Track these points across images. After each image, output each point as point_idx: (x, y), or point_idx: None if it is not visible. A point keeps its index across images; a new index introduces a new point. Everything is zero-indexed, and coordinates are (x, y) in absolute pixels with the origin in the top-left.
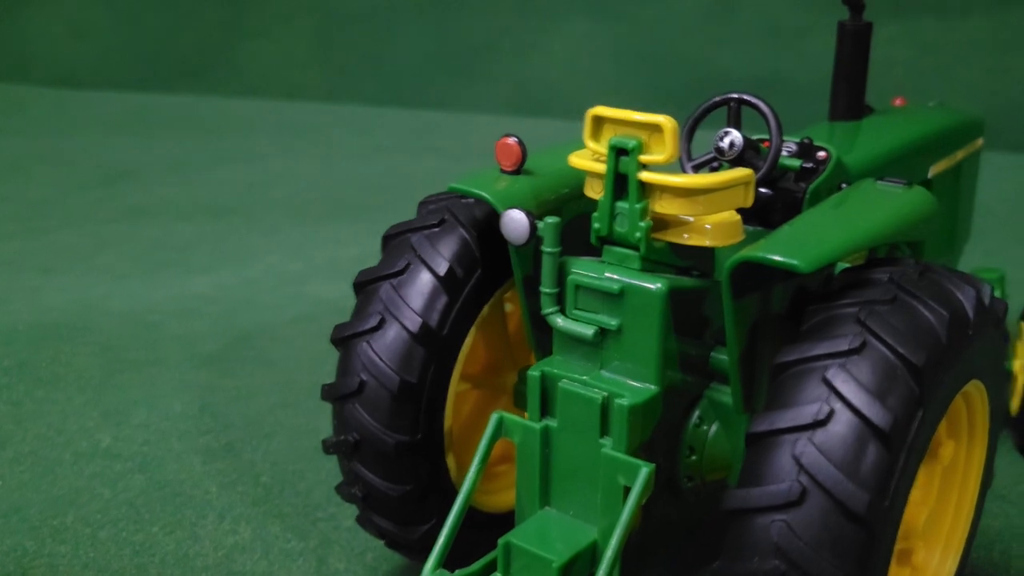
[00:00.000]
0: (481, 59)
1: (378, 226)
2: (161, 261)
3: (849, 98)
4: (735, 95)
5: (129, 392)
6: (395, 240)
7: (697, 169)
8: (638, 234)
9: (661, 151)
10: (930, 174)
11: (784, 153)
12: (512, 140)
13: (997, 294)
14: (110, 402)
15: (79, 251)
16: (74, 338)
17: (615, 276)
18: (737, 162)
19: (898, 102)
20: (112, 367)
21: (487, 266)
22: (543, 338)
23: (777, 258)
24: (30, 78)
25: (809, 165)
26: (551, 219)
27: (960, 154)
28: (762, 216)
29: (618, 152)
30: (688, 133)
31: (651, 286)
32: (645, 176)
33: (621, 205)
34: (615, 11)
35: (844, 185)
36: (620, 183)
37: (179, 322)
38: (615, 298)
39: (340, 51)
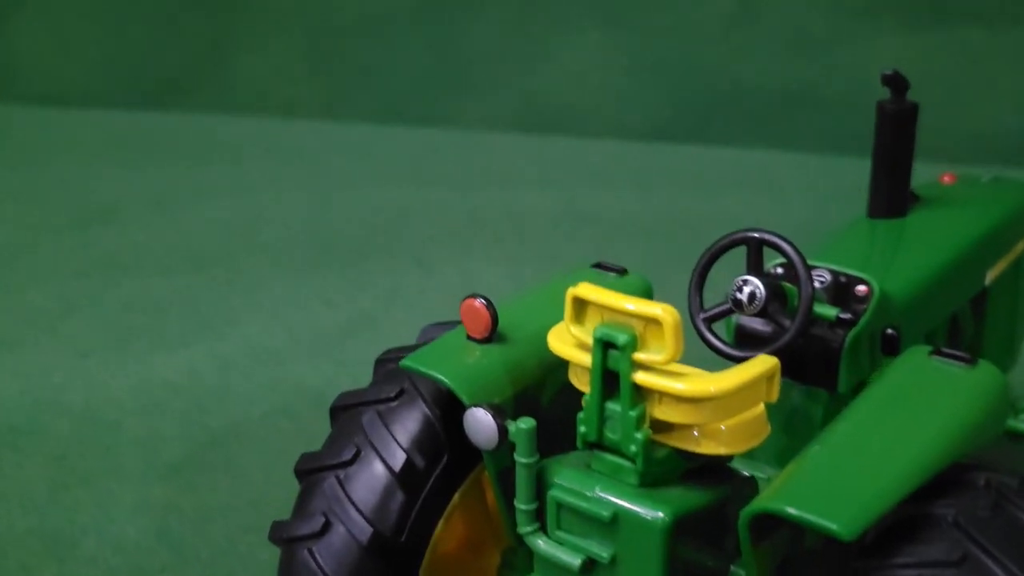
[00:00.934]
0: (486, 72)
1: (371, 278)
2: (130, 330)
3: (891, 192)
4: (755, 233)
5: (79, 514)
6: (344, 415)
7: (710, 322)
8: (634, 447)
9: (660, 349)
10: (988, 280)
11: (816, 284)
12: (479, 302)
13: None
14: (56, 527)
15: (44, 317)
16: (22, 445)
17: (607, 497)
18: (760, 317)
19: (946, 179)
20: (62, 481)
21: (456, 449)
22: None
23: (809, 517)
24: (13, 94)
25: (847, 316)
26: (525, 424)
27: (1022, 244)
28: (792, 366)
29: (606, 345)
30: (699, 277)
31: (651, 515)
32: (641, 379)
33: (612, 407)
34: (628, 19)
35: (890, 331)
36: (611, 380)
37: (141, 421)
38: (607, 525)
39: (337, 65)
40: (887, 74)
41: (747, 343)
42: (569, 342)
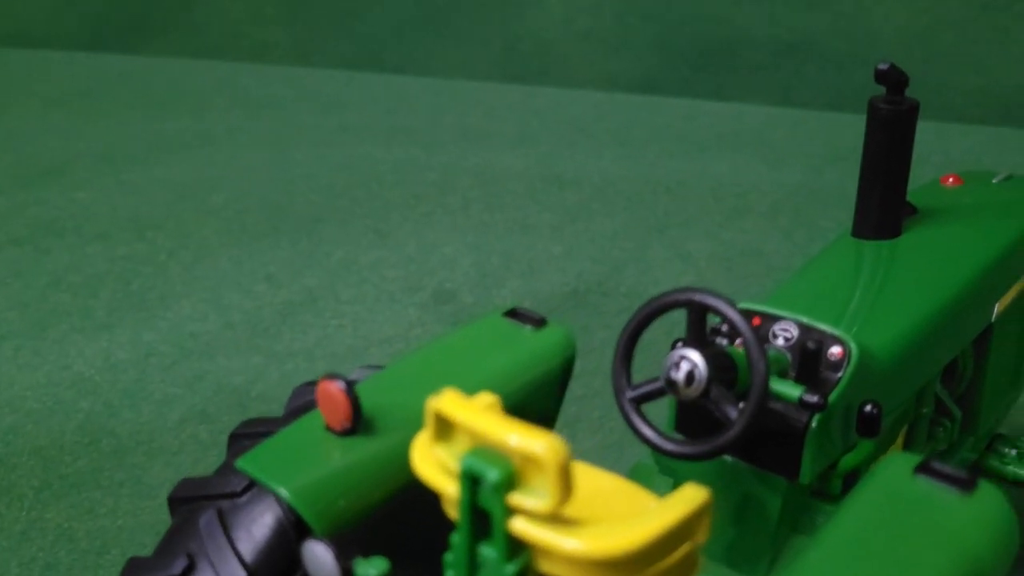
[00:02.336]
0: (468, 15)
1: (323, 249)
2: (53, 311)
3: (883, 209)
4: (696, 296)
5: None
6: (181, 510)
7: (639, 403)
8: None
9: (543, 494)
10: (995, 313)
11: (779, 342)
12: (337, 386)
13: None
14: None
15: None
16: None
17: None
18: (700, 401)
19: (950, 181)
20: None
21: None
22: None
23: None
24: None
25: (813, 399)
26: (376, 568)
27: None
28: (745, 446)
29: (475, 479)
30: (626, 346)
31: None
32: (518, 528)
33: (487, 552)
34: None
35: (868, 408)
36: (484, 519)
37: (41, 426)
38: None
39: (314, 7)
40: (882, 68)
41: (691, 428)
42: (435, 464)
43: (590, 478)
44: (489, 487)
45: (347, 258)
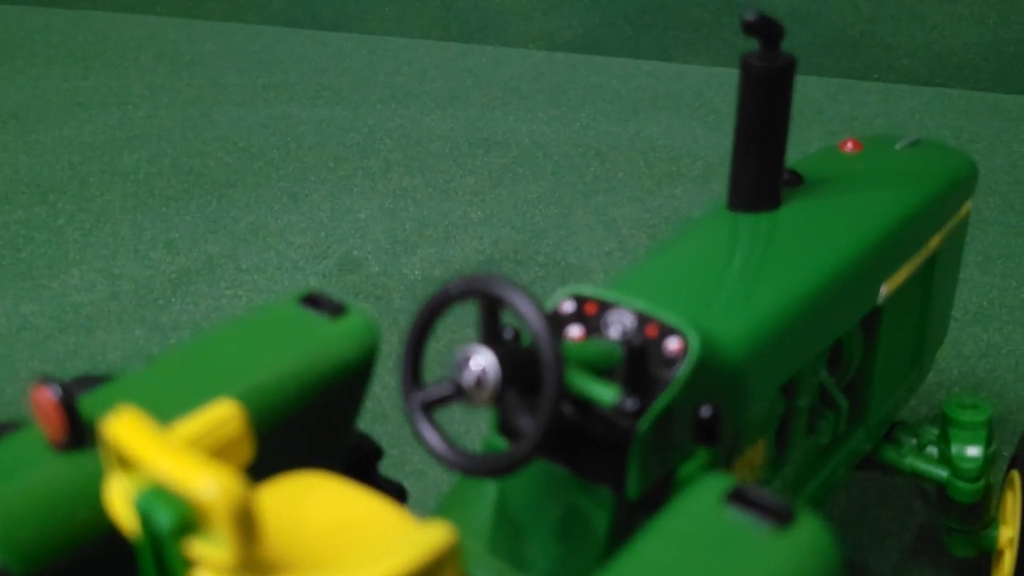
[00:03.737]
0: None
1: (231, 214)
2: None
3: (759, 177)
4: (486, 286)
5: None
6: None
7: (429, 409)
8: None
9: (220, 543)
10: (882, 296)
11: (611, 333)
12: (50, 394)
13: (983, 448)
14: None
15: None
16: None
17: None
18: (496, 405)
19: (849, 147)
20: None
21: None
22: None
23: None
24: None
25: (628, 405)
26: None
27: (936, 240)
28: (566, 452)
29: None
30: (414, 341)
31: None
32: None
33: None
34: None
35: (704, 410)
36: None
37: None
38: None
39: None
40: (749, 19)
41: (516, 431)
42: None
43: (335, 503)
44: (163, 533)
45: (256, 223)
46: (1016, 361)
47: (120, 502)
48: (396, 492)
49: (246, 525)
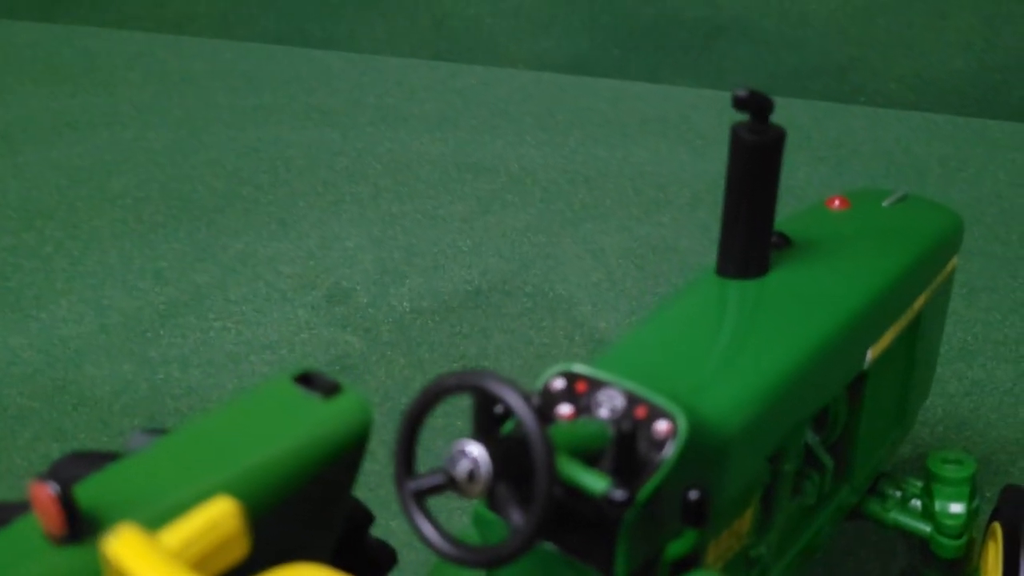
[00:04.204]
0: None
1: (220, 242)
2: None
3: (747, 244)
4: (481, 381)
5: None
6: None
7: (419, 499)
8: None
9: None
10: (868, 360)
11: (603, 413)
12: (50, 491)
13: (966, 504)
14: None
15: None
16: None
17: None
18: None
19: (836, 204)
20: None
21: None
22: None
23: None
24: None
25: (618, 496)
26: None
27: (921, 300)
28: (555, 529)
29: None
30: (407, 429)
31: None
32: None
33: None
34: None
35: (692, 493)
36: None
37: None
38: None
39: None
40: (741, 95)
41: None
42: None
43: None
44: None
45: (245, 251)
46: (1000, 399)
47: None
48: (387, 554)
49: None
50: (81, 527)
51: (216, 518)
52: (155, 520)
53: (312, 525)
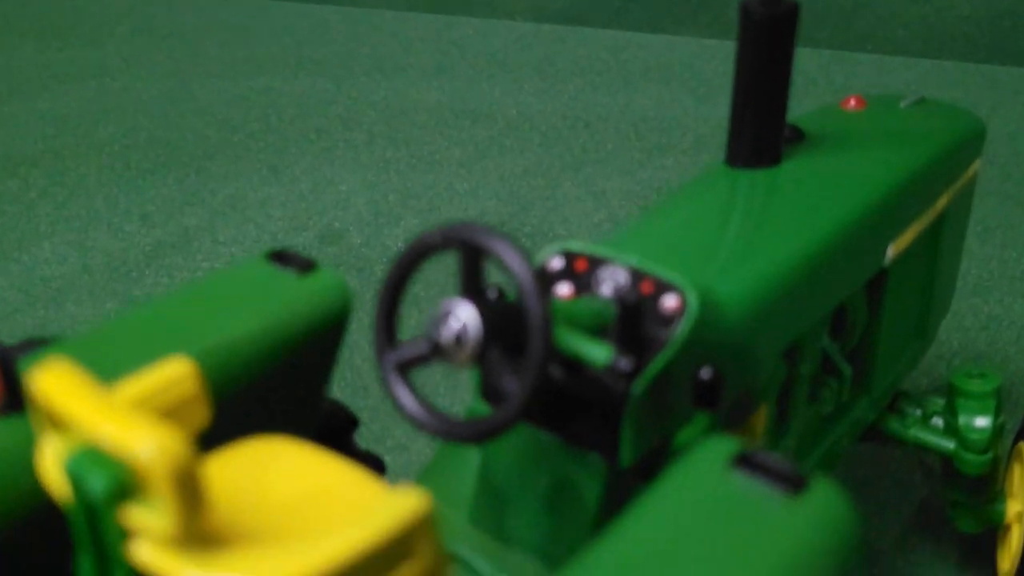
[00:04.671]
0: None
1: (209, 187)
2: None
3: (759, 131)
4: (467, 235)
5: None
6: None
7: (404, 370)
8: None
9: (160, 511)
10: (889, 257)
11: (604, 291)
12: None
13: (991, 419)
14: None
15: None
16: None
17: None
18: (478, 365)
19: (852, 104)
20: None
21: None
22: None
23: None
24: None
25: (623, 365)
26: None
27: (943, 200)
28: (554, 416)
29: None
30: (388, 297)
31: None
32: (140, 556)
33: None
34: None
35: (704, 372)
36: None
37: None
38: None
39: None
40: None
41: (500, 394)
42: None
43: (300, 469)
44: (96, 498)
45: (234, 196)
46: (1018, 333)
47: (52, 466)
48: (373, 464)
49: (189, 491)
50: (22, 397)
51: (170, 378)
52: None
53: (287, 413)
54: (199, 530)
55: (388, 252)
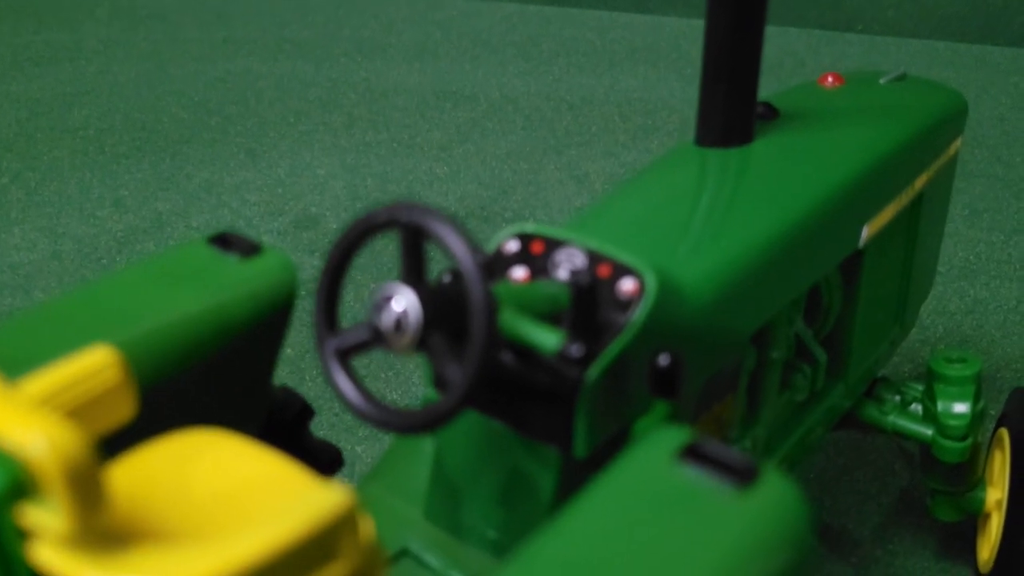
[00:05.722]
0: None
1: (184, 171)
2: None
3: (728, 106)
4: (402, 213)
5: None
6: None
7: (345, 357)
8: None
9: (55, 509)
10: (864, 238)
11: (560, 274)
12: None
13: (971, 404)
14: None
15: None
16: None
17: None
18: (420, 351)
19: (829, 81)
20: None
21: None
22: None
23: None
24: None
25: (574, 351)
26: None
27: (922, 180)
28: (507, 408)
29: None
30: (329, 280)
31: None
32: (39, 556)
33: None
34: None
35: (663, 358)
36: None
37: None
38: None
39: None
40: None
41: (442, 387)
42: None
43: (228, 462)
44: None
45: (209, 180)
46: (1004, 317)
47: None
48: (329, 455)
49: (86, 489)
50: None
51: (91, 367)
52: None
53: (229, 404)
54: (102, 529)
55: None
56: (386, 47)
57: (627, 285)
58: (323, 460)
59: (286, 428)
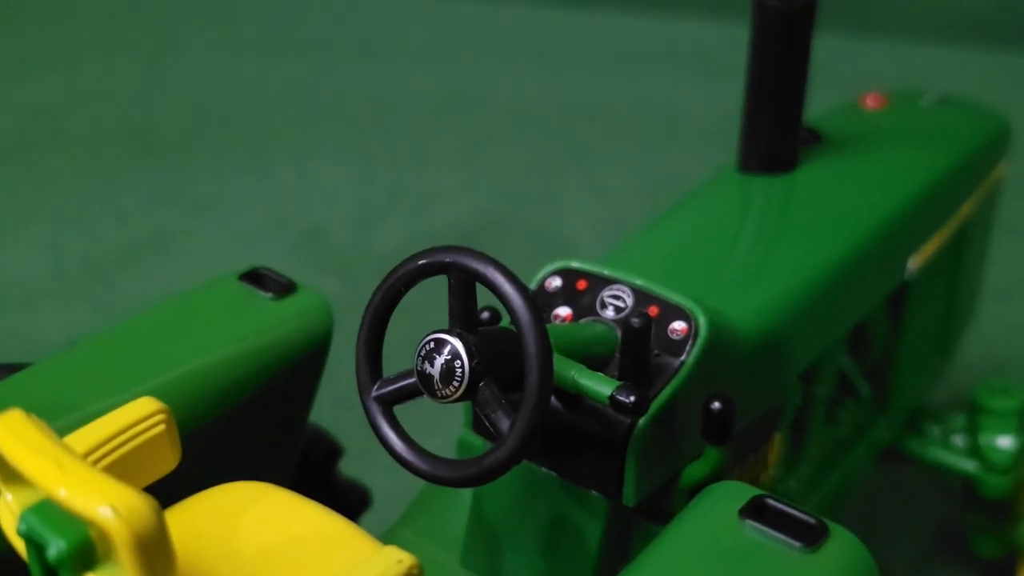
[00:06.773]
0: None
1: (189, 181)
2: None
3: (773, 133)
4: (459, 258)
5: None
6: None
7: (387, 407)
8: None
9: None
10: (910, 270)
11: (609, 314)
12: None
13: (1015, 438)
14: None
15: None
16: None
17: None
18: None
19: (870, 103)
20: None
21: None
22: None
23: None
24: None
25: (627, 399)
26: None
27: (967, 207)
28: (556, 455)
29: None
30: (372, 327)
31: None
32: None
33: None
34: None
35: (716, 405)
36: None
37: None
38: None
39: None
40: None
41: (486, 433)
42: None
43: (278, 518)
44: (53, 561)
45: (214, 192)
46: None
47: (8, 523)
48: (358, 496)
49: (155, 555)
50: None
51: (138, 419)
52: (70, 429)
53: (265, 446)
54: None
55: (374, 254)
56: (395, 51)
57: (678, 325)
58: (352, 499)
59: (317, 468)
